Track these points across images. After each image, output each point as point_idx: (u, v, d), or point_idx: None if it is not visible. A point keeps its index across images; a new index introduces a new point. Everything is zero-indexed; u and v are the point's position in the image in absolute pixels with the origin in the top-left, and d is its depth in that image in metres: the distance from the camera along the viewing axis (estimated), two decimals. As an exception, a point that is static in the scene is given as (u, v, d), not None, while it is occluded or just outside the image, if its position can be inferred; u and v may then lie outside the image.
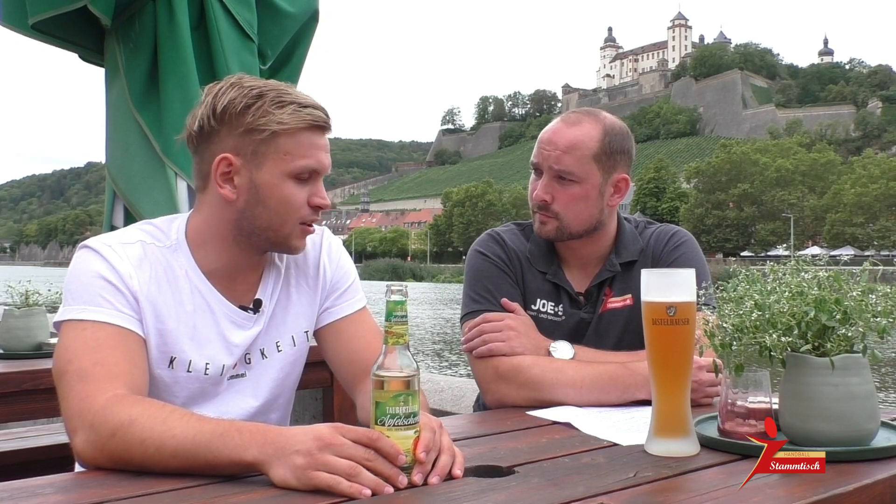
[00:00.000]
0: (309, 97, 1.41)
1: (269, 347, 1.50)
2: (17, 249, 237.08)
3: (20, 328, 2.54)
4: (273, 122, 1.35)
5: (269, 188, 1.38)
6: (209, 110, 1.37)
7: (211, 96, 1.38)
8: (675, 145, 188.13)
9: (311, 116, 1.37)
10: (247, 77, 1.41)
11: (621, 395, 1.64)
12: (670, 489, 1.10)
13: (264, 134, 1.35)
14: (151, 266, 1.38)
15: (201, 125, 1.38)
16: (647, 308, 1.29)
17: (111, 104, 2.73)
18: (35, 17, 2.54)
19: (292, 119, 1.35)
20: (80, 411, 1.21)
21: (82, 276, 1.34)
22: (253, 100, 1.35)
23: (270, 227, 1.40)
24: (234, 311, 1.45)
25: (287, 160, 1.37)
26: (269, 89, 1.37)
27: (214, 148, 1.38)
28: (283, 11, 2.85)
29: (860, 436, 1.22)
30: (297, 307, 1.54)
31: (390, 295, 1.13)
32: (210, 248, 1.43)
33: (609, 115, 1.91)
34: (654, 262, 1.87)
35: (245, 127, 1.35)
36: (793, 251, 59.78)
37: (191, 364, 1.40)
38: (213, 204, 1.42)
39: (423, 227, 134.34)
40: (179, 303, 1.40)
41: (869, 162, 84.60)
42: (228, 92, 1.37)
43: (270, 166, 1.37)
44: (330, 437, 1.07)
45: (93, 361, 1.25)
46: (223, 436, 1.11)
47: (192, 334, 1.40)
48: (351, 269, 1.64)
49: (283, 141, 1.36)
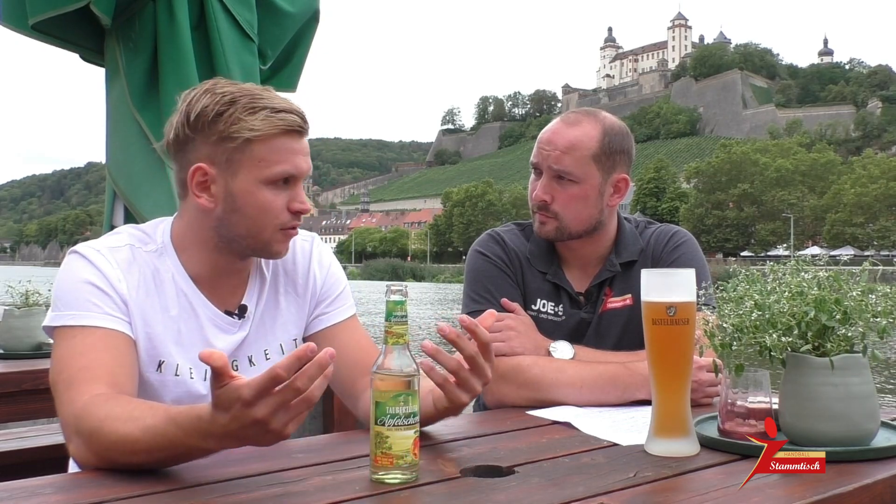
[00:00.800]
0: (284, 100, 1.37)
1: (258, 355, 1.50)
2: (17, 249, 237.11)
3: (20, 328, 2.54)
4: (245, 130, 1.32)
5: (245, 196, 1.35)
6: (183, 118, 1.35)
7: (185, 104, 1.36)
8: (675, 145, 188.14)
9: (285, 122, 1.34)
10: (222, 81, 1.38)
11: (621, 395, 1.64)
12: (670, 489, 1.10)
13: (237, 141, 1.32)
14: (140, 270, 1.38)
15: (176, 133, 1.37)
16: (647, 308, 1.29)
17: (111, 104, 2.73)
18: (35, 17, 2.53)
19: (265, 125, 1.32)
20: (66, 418, 1.22)
21: (71, 282, 1.34)
22: (225, 107, 1.32)
23: (249, 234, 1.39)
24: (218, 315, 1.44)
25: (262, 167, 1.34)
26: (241, 94, 1.34)
27: (190, 157, 1.37)
28: (284, 11, 2.85)
29: (860, 436, 1.22)
30: (285, 315, 1.53)
31: (390, 295, 1.14)
32: (193, 252, 1.43)
33: (609, 115, 1.91)
34: (654, 262, 1.88)
35: (218, 135, 1.33)
36: (793, 251, 59.80)
37: (177, 368, 1.40)
38: (192, 211, 1.41)
39: (423, 227, 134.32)
40: (165, 307, 1.39)
41: (869, 162, 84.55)
42: (202, 99, 1.34)
43: (245, 174, 1.34)
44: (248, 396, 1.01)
45: (78, 367, 1.26)
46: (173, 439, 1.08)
47: (177, 338, 1.40)
48: (341, 276, 1.63)
49: (257, 147, 1.33)
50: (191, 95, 1.37)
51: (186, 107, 1.36)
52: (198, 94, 1.36)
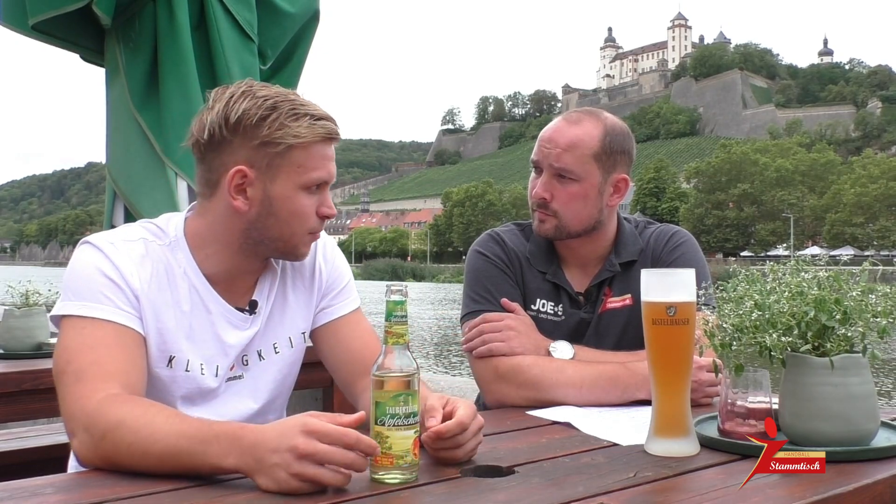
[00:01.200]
0: (319, 108, 1.40)
1: (267, 349, 1.50)
2: (17, 249, 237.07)
3: (20, 328, 2.54)
4: (290, 136, 1.34)
5: (283, 200, 1.37)
6: (221, 119, 1.35)
7: (221, 104, 1.35)
8: (675, 145, 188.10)
9: (325, 129, 1.37)
10: (256, 84, 1.39)
11: (621, 395, 1.64)
12: (670, 489, 1.10)
13: (280, 147, 1.34)
14: (153, 264, 1.38)
15: (212, 134, 1.36)
16: (647, 308, 1.29)
17: (111, 104, 2.73)
18: (35, 17, 2.54)
19: (308, 132, 1.35)
20: (75, 413, 1.21)
21: (83, 272, 1.33)
22: (268, 111, 1.34)
23: (281, 237, 1.41)
24: (230, 311, 1.45)
25: (300, 172, 1.36)
26: (282, 100, 1.36)
27: (227, 158, 1.36)
28: (284, 11, 2.85)
29: (860, 436, 1.22)
30: (293, 309, 1.54)
31: (390, 295, 1.14)
32: (212, 252, 1.43)
33: (610, 115, 1.91)
34: (653, 262, 1.87)
35: (261, 140, 1.34)
36: (793, 251, 59.78)
37: (188, 364, 1.40)
38: (219, 212, 1.41)
39: (423, 227, 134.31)
40: (177, 302, 1.39)
41: (869, 162, 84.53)
42: (241, 102, 1.34)
43: (284, 179, 1.36)
44: (305, 447, 1.04)
45: (90, 361, 1.25)
46: (203, 442, 1.10)
47: (189, 334, 1.40)
48: (346, 269, 1.64)
49: (297, 153, 1.35)
50: (227, 96, 1.36)
51: (224, 108, 1.35)
52: (236, 95, 1.35)
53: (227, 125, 1.34)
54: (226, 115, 1.34)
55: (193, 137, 1.39)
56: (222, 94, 1.37)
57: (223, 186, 1.37)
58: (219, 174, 1.38)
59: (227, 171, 1.36)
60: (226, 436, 1.09)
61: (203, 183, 1.42)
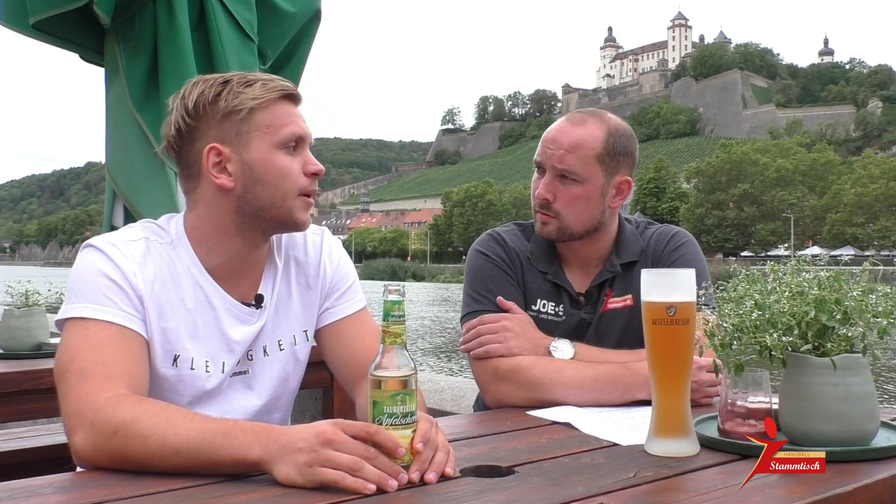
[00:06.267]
0: (272, 75, 1.45)
1: (272, 345, 1.51)
2: (17, 249, 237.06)
3: (20, 328, 2.54)
4: (247, 100, 1.38)
5: (264, 163, 1.39)
6: (182, 111, 1.40)
7: (178, 100, 1.41)
8: (675, 145, 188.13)
9: (280, 86, 1.41)
10: (206, 75, 1.44)
11: (621, 395, 1.64)
12: (670, 489, 1.10)
13: (241, 113, 1.38)
14: (155, 263, 1.39)
15: (178, 128, 1.40)
16: (647, 308, 1.28)
17: (111, 104, 2.73)
18: (35, 16, 2.53)
19: (263, 92, 1.39)
20: (80, 410, 1.21)
21: (86, 274, 1.33)
22: (220, 87, 1.39)
23: (273, 203, 1.41)
24: (235, 305, 1.45)
25: (270, 132, 1.39)
26: (232, 74, 1.42)
27: (198, 144, 1.40)
28: (284, 11, 2.85)
29: (860, 436, 1.22)
30: (297, 305, 1.55)
31: (387, 295, 1.14)
32: (212, 243, 1.43)
33: (614, 116, 1.90)
34: (654, 262, 1.87)
35: (221, 112, 1.38)
36: (793, 251, 59.76)
37: (193, 362, 1.40)
38: (207, 199, 1.42)
39: (423, 227, 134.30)
40: (181, 300, 1.40)
41: (869, 162, 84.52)
42: (195, 89, 1.40)
43: (257, 142, 1.39)
44: (331, 434, 1.07)
45: (94, 361, 1.25)
46: (227, 434, 1.11)
47: (193, 332, 1.40)
48: (351, 269, 1.64)
49: (261, 115, 1.39)
50: (181, 92, 1.42)
51: (181, 101, 1.40)
52: (188, 88, 1.41)
53: (188, 113, 1.39)
54: (185, 106, 1.40)
55: (165, 140, 1.44)
56: (177, 94, 1.43)
57: (204, 171, 1.40)
58: (196, 161, 1.40)
59: (201, 154, 1.39)
60: (251, 429, 1.12)
61: (185, 178, 1.45)
